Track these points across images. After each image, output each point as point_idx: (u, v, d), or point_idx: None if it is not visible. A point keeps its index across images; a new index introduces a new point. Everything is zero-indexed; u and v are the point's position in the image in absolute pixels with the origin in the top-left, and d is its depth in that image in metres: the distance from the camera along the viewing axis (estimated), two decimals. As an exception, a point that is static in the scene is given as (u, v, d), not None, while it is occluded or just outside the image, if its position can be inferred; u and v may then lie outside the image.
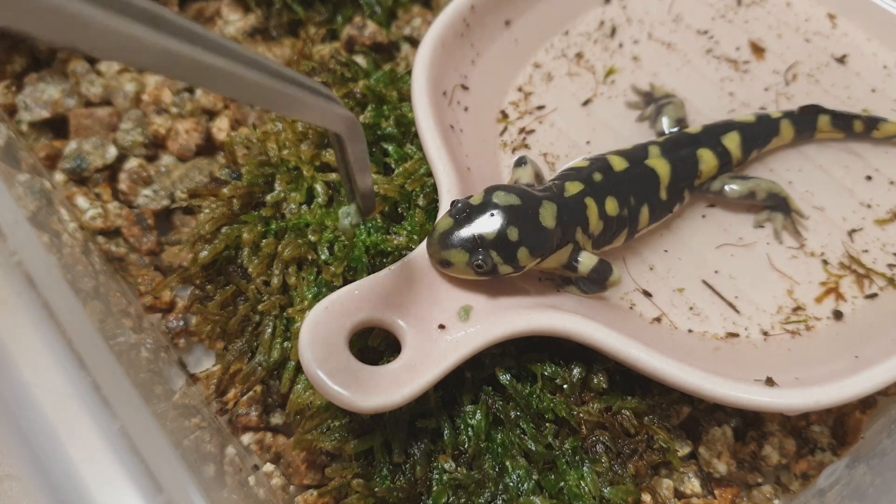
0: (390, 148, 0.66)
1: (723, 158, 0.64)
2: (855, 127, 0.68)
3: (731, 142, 0.64)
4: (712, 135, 0.65)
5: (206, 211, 0.65)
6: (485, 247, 0.51)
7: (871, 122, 0.68)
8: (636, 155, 0.61)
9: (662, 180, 0.60)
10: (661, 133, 0.68)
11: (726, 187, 0.64)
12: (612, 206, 0.57)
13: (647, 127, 0.70)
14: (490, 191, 0.54)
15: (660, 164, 0.61)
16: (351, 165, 0.46)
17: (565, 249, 0.55)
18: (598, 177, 0.58)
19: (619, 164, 0.60)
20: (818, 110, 0.68)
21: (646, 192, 0.60)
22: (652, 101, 0.71)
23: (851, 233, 0.64)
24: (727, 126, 0.65)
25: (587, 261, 0.56)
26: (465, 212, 0.52)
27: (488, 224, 0.51)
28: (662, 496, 0.55)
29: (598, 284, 0.58)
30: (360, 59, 0.75)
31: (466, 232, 0.51)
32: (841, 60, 0.74)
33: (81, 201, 0.69)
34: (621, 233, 0.59)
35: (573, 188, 0.57)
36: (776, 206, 0.64)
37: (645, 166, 0.60)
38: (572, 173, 0.59)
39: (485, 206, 0.52)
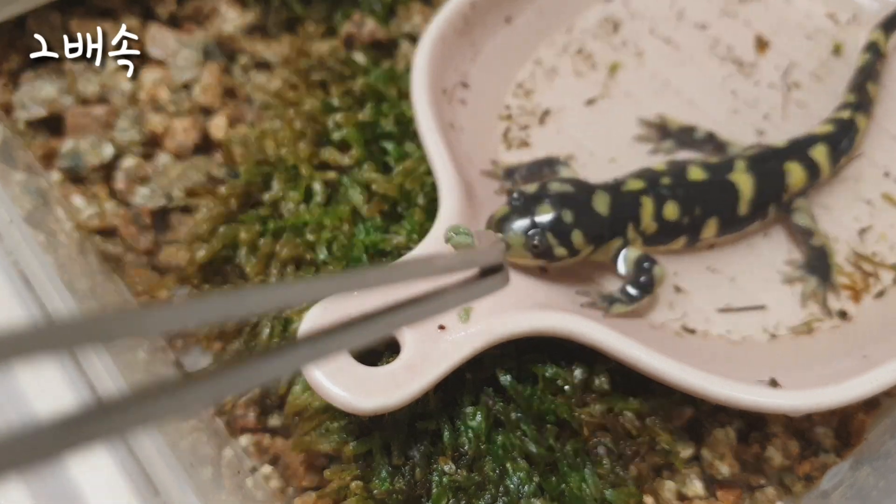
0: (389, 146, 0.66)
1: (812, 171, 0.62)
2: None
3: (820, 154, 0.63)
4: (799, 148, 0.63)
5: (204, 210, 0.64)
6: (541, 228, 0.53)
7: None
8: (719, 168, 0.60)
9: (743, 195, 0.59)
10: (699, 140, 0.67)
11: (797, 213, 0.62)
12: (672, 210, 0.58)
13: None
14: (545, 182, 0.56)
15: (742, 179, 0.60)
16: None
17: (614, 242, 0.57)
18: (665, 181, 0.59)
19: (696, 174, 0.60)
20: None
21: (718, 204, 0.59)
22: (667, 136, 0.68)
23: (860, 232, 0.64)
24: (812, 139, 0.64)
25: (631, 254, 0.57)
26: (521, 200, 0.55)
27: (544, 208, 0.54)
28: (665, 498, 0.55)
29: (642, 286, 0.56)
30: (358, 57, 0.74)
31: (523, 216, 0.54)
32: (841, 55, 0.73)
33: (78, 200, 0.69)
34: (678, 238, 0.60)
35: (633, 185, 0.58)
36: (815, 268, 0.62)
37: (725, 180, 0.60)
38: (641, 172, 0.60)
39: (539, 194, 0.55)
